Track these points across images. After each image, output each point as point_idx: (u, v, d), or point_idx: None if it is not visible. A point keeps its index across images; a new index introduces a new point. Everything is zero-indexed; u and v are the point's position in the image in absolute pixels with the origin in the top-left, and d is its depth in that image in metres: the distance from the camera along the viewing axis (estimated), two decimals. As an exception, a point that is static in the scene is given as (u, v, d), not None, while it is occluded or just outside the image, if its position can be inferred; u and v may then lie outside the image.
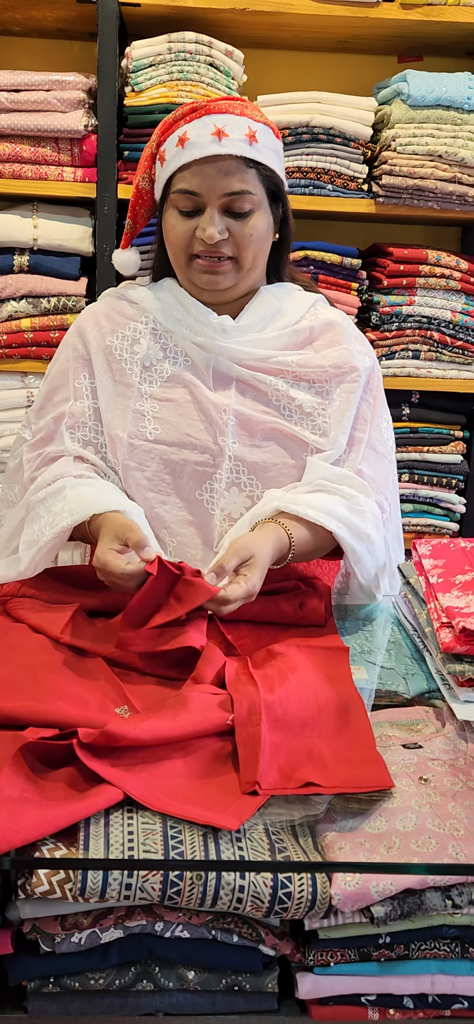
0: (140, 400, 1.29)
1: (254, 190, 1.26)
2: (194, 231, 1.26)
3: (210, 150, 1.22)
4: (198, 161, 1.23)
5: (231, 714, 0.92)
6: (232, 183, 1.23)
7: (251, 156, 1.24)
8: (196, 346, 1.30)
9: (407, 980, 0.83)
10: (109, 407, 1.31)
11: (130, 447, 1.28)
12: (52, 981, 0.81)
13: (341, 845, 0.82)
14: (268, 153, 1.28)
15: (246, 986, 0.82)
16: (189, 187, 1.25)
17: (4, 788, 0.78)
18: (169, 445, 1.28)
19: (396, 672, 1.15)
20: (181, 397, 1.30)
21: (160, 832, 0.80)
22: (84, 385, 1.32)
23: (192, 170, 1.24)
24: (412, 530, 2.40)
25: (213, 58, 2.11)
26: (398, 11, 2.12)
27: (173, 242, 1.30)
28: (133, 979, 0.82)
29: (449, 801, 0.88)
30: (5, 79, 2.09)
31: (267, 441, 1.30)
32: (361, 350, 1.38)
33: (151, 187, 1.36)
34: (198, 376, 1.30)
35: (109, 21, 2.08)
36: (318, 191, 2.19)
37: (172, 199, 1.28)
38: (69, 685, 0.98)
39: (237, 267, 1.28)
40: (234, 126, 1.23)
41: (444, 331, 2.28)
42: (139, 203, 1.38)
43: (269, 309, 1.34)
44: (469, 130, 2.14)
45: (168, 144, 1.28)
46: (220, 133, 1.22)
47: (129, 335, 1.33)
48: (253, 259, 1.29)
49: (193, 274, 1.29)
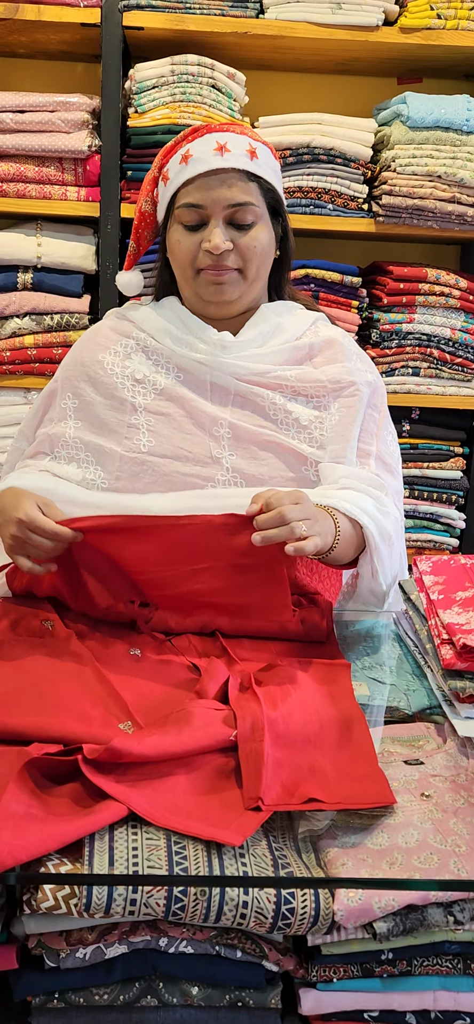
0: (134, 414, 1.30)
1: (256, 202, 1.29)
2: (200, 245, 1.28)
3: (213, 163, 1.26)
4: (202, 175, 1.26)
5: (234, 730, 0.92)
6: (235, 194, 1.26)
7: (252, 170, 1.28)
8: (195, 362, 1.31)
9: (410, 996, 0.83)
10: (98, 422, 1.32)
11: (121, 459, 1.28)
12: (57, 996, 0.81)
13: (344, 861, 0.82)
14: (268, 170, 1.31)
15: (249, 1002, 0.82)
16: (194, 200, 1.27)
17: (9, 804, 0.78)
18: (161, 457, 1.28)
19: (397, 688, 1.16)
20: (175, 411, 1.30)
21: (164, 848, 0.80)
22: (68, 406, 1.34)
23: (196, 184, 1.27)
24: (412, 546, 2.41)
25: (215, 80, 2.14)
26: (398, 35, 2.16)
27: (179, 257, 1.31)
28: (137, 995, 0.82)
29: (451, 817, 0.89)
30: (10, 100, 2.12)
31: (264, 452, 1.30)
32: (362, 367, 1.39)
33: (154, 209, 1.39)
34: (194, 391, 1.31)
35: (113, 44, 2.11)
36: (319, 210, 2.21)
37: (177, 215, 1.31)
38: (73, 700, 0.99)
39: (242, 278, 1.30)
40: (235, 142, 1.28)
41: (444, 348, 2.30)
42: (142, 225, 1.41)
43: (269, 325, 1.35)
44: (468, 151, 2.17)
45: (171, 164, 1.31)
46: (222, 148, 1.26)
47: (121, 351, 1.35)
48: (257, 270, 1.31)
49: (200, 287, 1.31)
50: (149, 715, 0.98)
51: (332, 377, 1.34)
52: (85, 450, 1.32)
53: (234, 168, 1.26)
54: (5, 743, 0.90)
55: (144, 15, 2.11)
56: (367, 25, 2.13)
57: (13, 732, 0.91)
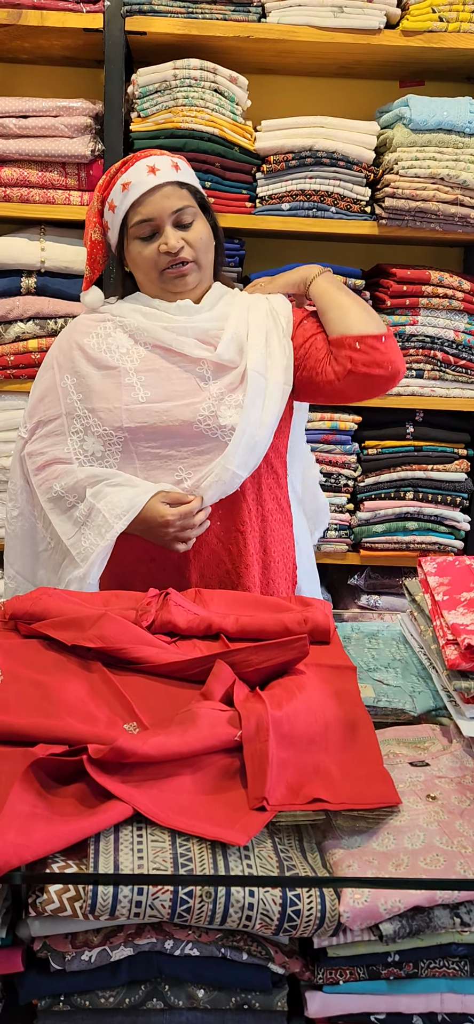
0: (127, 376, 1.48)
1: (191, 203, 1.52)
2: (157, 250, 1.50)
3: (149, 183, 1.49)
4: (144, 194, 1.49)
5: (239, 730, 0.92)
6: (174, 202, 1.50)
7: (180, 179, 1.52)
8: (164, 329, 1.49)
9: (416, 999, 0.83)
10: (98, 386, 1.49)
11: (128, 412, 1.46)
12: (62, 999, 0.81)
13: (349, 863, 0.82)
14: (191, 177, 1.56)
15: (255, 1004, 0.82)
16: (145, 216, 1.50)
17: (15, 804, 0.78)
18: (158, 402, 1.47)
19: (403, 690, 1.15)
20: (161, 365, 1.49)
21: (169, 848, 0.80)
22: (68, 384, 1.51)
23: (141, 203, 1.50)
24: (417, 548, 2.40)
25: (218, 84, 2.14)
26: (400, 38, 2.16)
27: (142, 265, 1.53)
28: (143, 997, 0.82)
29: (457, 819, 0.89)
30: (13, 106, 2.13)
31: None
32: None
33: (103, 237, 1.60)
34: (172, 346, 1.49)
35: (115, 49, 2.12)
36: (321, 213, 2.21)
37: (132, 232, 1.52)
38: (78, 702, 0.99)
39: (197, 267, 1.52)
40: (161, 162, 1.51)
41: (447, 350, 2.30)
42: (95, 252, 1.61)
43: (219, 294, 1.58)
44: (470, 153, 2.17)
45: (114, 194, 1.53)
46: (153, 169, 1.50)
47: (102, 332, 1.53)
48: (206, 257, 1.54)
49: (166, 283, 1.52)
50: (154, 716, 0.98)
51: None
52: (93, 416, 1.49)
53: (167, 181, 1.50)
54: (11, 744, 0.90)
55: (146, 20, 2.11)
56: (369, 28, 2.14)
57: (18, 733, 0.91)
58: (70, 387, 1.51)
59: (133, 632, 1.11)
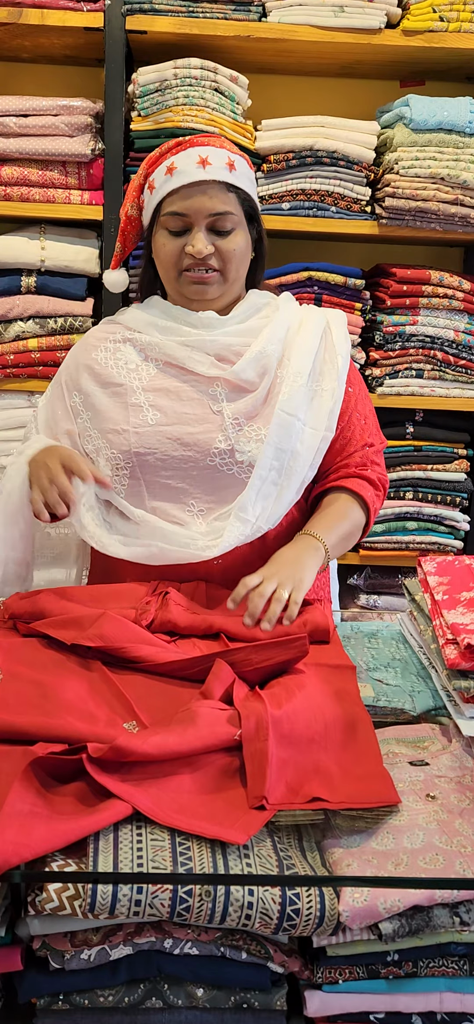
0: (134, 395, 1.38)
1: (235, 211, 1.39)
2: (183, 248, 1.38)
3: (196, 176, 1.36)
4: (186, 186, 1.36)
5: (239, 729, 0.92)
6: (216, 204, 1.37)
7: (231, 181, 1.39)
8: (179, 345, 1.38)
9: (415, 998, 0.83)
10: (103, 405, 1.39)
11: (136, 435, 1.35)
12: (62, 998, 0.81)
13: (349, 862, 0.82)
14: (245, 180, 1.42)
15: (254, 1003, 0.82)
16: (178, 209, 1.37)
17: (15, 802, 0.78)
18: (168, 425, 1.35)
19: (402, 689, 1.15)
20: (171, 384, 1.38)
21: (168, 847, 0.80)
22: (76, 403, 1.43)
23: (180, 194, 1.37)
24: (417, 548, 2.40)
25: (218, 83, 2.14)
26: (400, 37, 2.16)
27: (164, 259, 1.41)
28: (142, 996, 0.82)
29: (456, 818, 0.89)
30: (14, 104, 2.13)
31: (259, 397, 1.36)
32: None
33: (139, 214, 1.48)
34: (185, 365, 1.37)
35: (116, 48, 2.11)
36: (322, 213, 2.21)
37: (162, 221, 1.40)
38: (78, 700, 0.99)
39: (222, 279, 1.40)
40: (216, 156, 1.38)
41: (447, 350, 2.30)
42: (129, 228, 1.50)
43: (255, 305, 1.45)
44: (471, 153, 2.17)
45: (157, 174, 1.41)
46: (204, 162, 1.37)
47: (111, 347, 1.43)
48: (236, 271, 1.41)
49: (183, 286, 1.40)
50: (154, 715, 0.98)
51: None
52: (102, 437, 1.38)
53: (215, 180, 1.37)
54: (10, 742, 0.90)
55: (147, 19, 2.11)
56: (370, 28, 2.14)
57: (18, 731, 0.91)
58: (79, 406, 1.41)
59: (133, 631, 1.12)
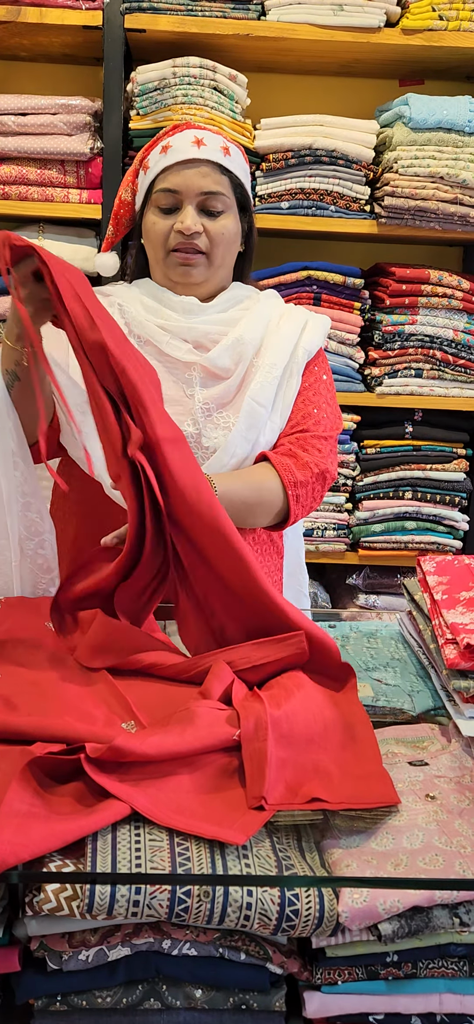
0: None
1: (227, 194, 1.39)
2: (172, 227, 1.38)
3: (190, 153, 1.37)
4: (179, 163, 1.37)
5: (237, 729, 0.92)
6: (208, 183, 1.37)
7: (225, 164, 1.39)
8: (158, 328, 1.38)
9: (415, 999, 0.83)
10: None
11: None
12: (59, 999, 0.80)
13: (348, 863, 0.82)
14: (239, 169, 1.43)
15: (253, 1005, 0.82)
16: (170, 185, 1.38)
17: (13, 802, 0.78)
18: None
19: (401, 689, 1.15)
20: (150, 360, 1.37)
21: (167, 848, 0.80)
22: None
23: (173, 171, 1.38)
24: (415, 547, 2.40)
25: (217, 82, 2.14)
26: (399, 36, 2.16)
27: (153, 237, 1.40)
28: (140, 997, 0.81)
29: (456, 819, 0.88)
30: (12, 103, 2.13)
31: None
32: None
33: (133, 199, 1.48)
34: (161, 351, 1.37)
35: (115, 46, 2.11)
36: (321, 212, 2.21)
37: (154, 199, 1.40)
38: (76, 700, 0.98)
39: (208, 262, 1.39)
40: (211, 139, 1.39)
41: (446, 350, 2.30)
42: (121, 212, 1.50)
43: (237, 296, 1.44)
44: (470, 152, 2.17)
45: (152, 155, 1.41)
46: (199, 142, 1.38)
47: None
48: (222, 257, 1.40)
49: (169, 267, 1.40)
50: (152, 715, 0.97)
51: None
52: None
53: (209, 160, 1.37)
54: (8, 742, 0.90)
55: (146, 17, 2.11)
56: (369, 27, 2.14)
57: (16, 731, 0.90)
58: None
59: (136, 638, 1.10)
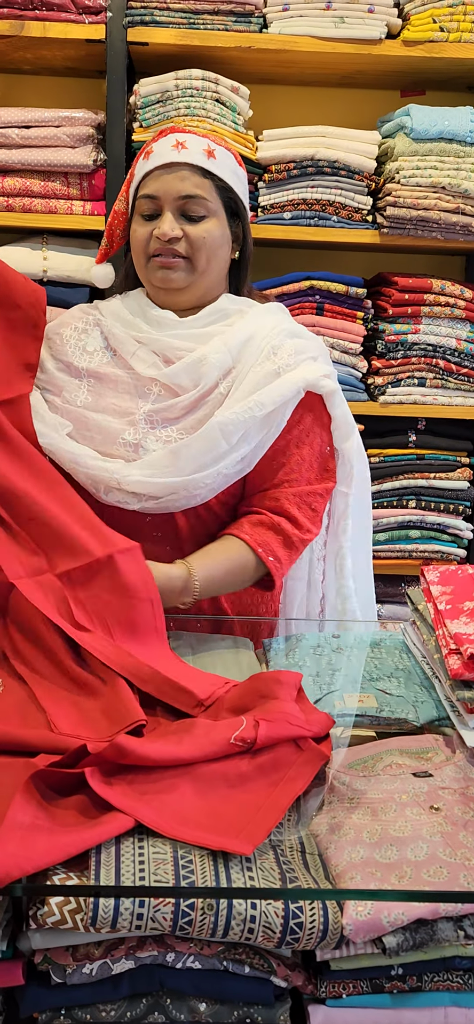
0: (79, 377, 1.39)
1: (209, 198, 1.36)
2: (151, 232, 1.36)
3: (169, 157, 1.35)
4: (159, 168, 1.36)
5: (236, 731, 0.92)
6: (187, 187, 1.35)
7: (207, 167, 1.36)
8: (131, 340, 1.37)
9: (420, 1013, 0.82)
10: (50, 378, 1.40)
11: (64, 411, 1.37)
12: (63, 1013, 0.80)
13: (352, 875, 0.81)
14: (226, 171, 1.38)
15: (258, 1018, 0.81)
16: (149, 191, 1.37)
17: (16, 815, 0.78)
18: (94, 412, 1.36)
19: (405, 700, 1.15)
20: (113, 375, 1.38)
21: (171, 860, 0.80)
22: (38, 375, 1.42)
23: (153, 176, 1.37)
24: (419, 556, 2.40)
25: (219, 94, 2.15)
26: (401, 48, 2.17)
27: (134, 244, 1.40)
28: (144, 1011, 0.81)
29: (460, 830, 0.88)
30: (16, 116, 2.14)
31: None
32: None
33: (126, 208, 1.47)
34: (131, 361, 1.37)
35: (118, 59, 2.13)
36: (323, 222, 2.22)
37: (137, 206, 1.40)
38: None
39: (191, 267, 1.36)
40: (194, 142, 1.37)
41: (449, 359, 2.30)
42: (115, 223, 1.48)
43: (220, 312, 1.39)
44: (472, 162, 2.17)
45: (138, 162, 1.42)
46: (180, 145, 1.36)
47: (80, 326, 1.44)
48: (206, 262, 1.36)
49: (150, 273, 1.38)
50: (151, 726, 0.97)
51: None
52: (41, 406, 1.37)
53: (189, 163, 1.35)
54: (12, 754, 0.90)
55: (148, 31, 2.12)
56: (370, 38, 2.15)
57: (19, 743, 0.90)
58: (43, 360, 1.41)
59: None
